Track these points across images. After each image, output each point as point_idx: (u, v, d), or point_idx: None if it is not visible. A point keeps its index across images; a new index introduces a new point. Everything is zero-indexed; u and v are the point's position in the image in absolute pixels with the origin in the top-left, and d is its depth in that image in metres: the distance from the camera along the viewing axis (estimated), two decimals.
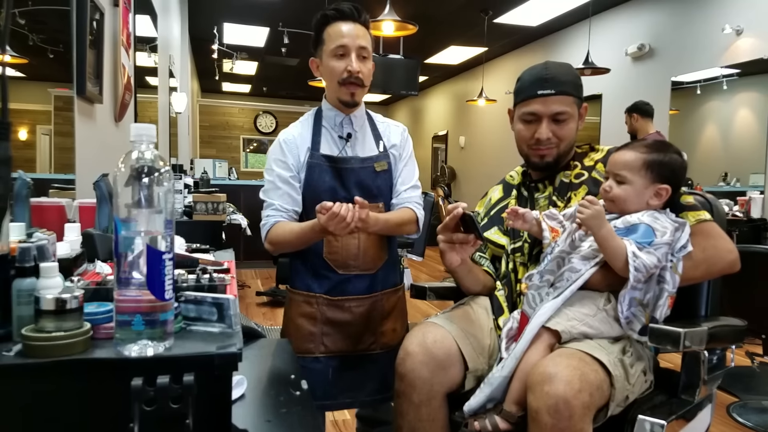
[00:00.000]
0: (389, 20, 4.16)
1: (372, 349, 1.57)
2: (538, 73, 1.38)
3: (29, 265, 0.78)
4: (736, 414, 2.58)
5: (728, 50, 4.60)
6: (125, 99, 2.84)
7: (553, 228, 1.32)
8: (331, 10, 1.50)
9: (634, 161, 1.25)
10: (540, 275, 1.27)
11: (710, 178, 4.74)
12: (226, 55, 8.24)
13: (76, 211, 1.55)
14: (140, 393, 0.70)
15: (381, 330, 1.59)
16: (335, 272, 1.53)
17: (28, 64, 1.65)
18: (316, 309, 1.53)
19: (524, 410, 1.15)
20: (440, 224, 1.34)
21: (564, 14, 6.20)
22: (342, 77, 1.49)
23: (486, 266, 1.53)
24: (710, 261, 1.22)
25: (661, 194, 1.24)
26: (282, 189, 1.51)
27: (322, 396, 1.52)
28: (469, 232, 1.31)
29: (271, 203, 1.52)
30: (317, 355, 1.53)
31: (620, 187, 1.25)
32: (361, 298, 1.55)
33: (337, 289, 1.53)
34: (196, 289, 0.94)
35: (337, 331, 1.54)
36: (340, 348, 1.54)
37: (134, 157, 0.75)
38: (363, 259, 1.54)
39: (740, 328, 1.29)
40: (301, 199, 1.53)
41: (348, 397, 1.57)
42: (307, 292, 1.55)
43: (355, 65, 1.47)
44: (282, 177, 1.51)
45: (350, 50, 1.47)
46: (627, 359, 1.18)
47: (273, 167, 1.53)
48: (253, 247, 5.68)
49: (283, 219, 1.51)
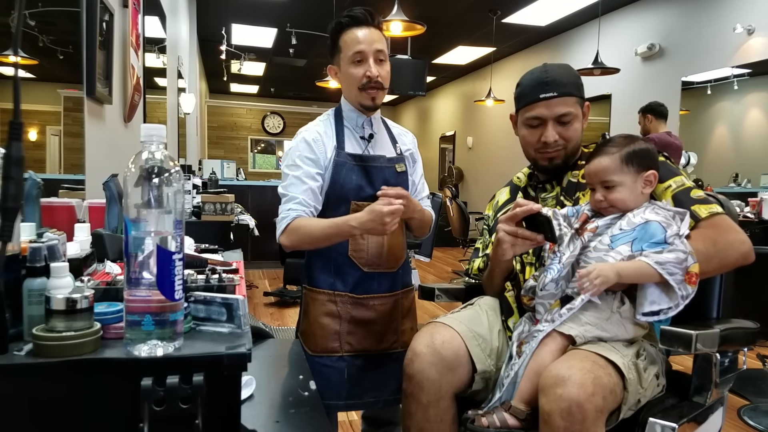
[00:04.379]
0: (397, 20, 4.16)
1: (394, 348, 1.58)
2: (539, 77, 1.37)
3: (40, 265, 0.79)
4: (748, 417, 2.56)
5: (739, 50, 4.56)
6: (134, 100, 2.85)
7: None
8: (345, 18, 1.51)
9: (612, 163, 1.25)
10: (555, 283, 1.26)
11: (721, 179, 4.70)
12: (234, 56, 8.27)
13: (85, 211, 1.56)
14: (150, 393, 0.70)
15: (402, 328, 1.60)
16: (360, 270, 1.53)
17: (38, 65, 1.66)
18: (341, 307, 1.54)
19: (532, 409, 1.14)
20: (507, 214, 1.30)
21: (573, 14, 6.17)
22: (362, 83, 1.50)
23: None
24: (723, 254, 1.20)
25: (650, 180, 1.25)
26: (307, 185, 1.50)
27: (346, 396, 1.53)
28: (538, 232, 1.26)
29: (294, 197, 1.49)
30: (342, 354, 1.54)
31: (612, 191, 1.25)
32: (384, 296, 1.56)
33: (362, 287, 1.54)
34: (205, 290, 0.94)
35: (362, 329, 1.55)
36: (364, 347, 1.55)
37: (144, 157, 0.75)
38: (387, 257, 1.56)
39: (752, 330, 1.28)
40: (324, 197, 1.53)
41: (372, 397, 1.57)
42: (331, 291, 1.54)
43: (373, 70, 1.49)
44: (309, 173, 1.50)
45: (368, 56, 1.49)
46: (641, 363, 1.17)
47: (299, 163, 1.51)
48: (261, 247, 5.72)
49: (305, 214, 1.49)
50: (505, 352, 1.35)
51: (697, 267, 1.15)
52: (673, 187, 1.28)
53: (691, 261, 1.15)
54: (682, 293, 1.14)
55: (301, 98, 12.75)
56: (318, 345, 1.53)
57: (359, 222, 1.35)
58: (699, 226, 1.22)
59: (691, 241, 1.18)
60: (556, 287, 1.25)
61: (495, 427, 1.15)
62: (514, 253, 1.32)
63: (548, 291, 1.26)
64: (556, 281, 1.25)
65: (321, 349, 1.53)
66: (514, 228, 1.28)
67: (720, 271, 1.28)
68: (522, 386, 1.18)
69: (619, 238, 1.21)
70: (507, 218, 1.30)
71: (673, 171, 1.31)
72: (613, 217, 1.25)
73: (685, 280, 1.15)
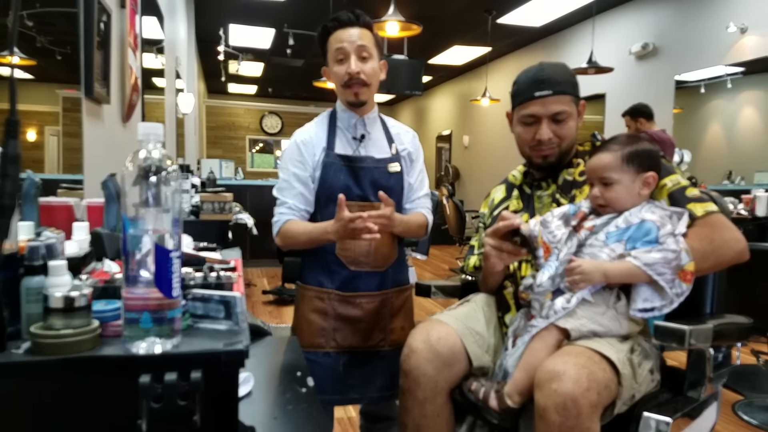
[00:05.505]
0: (393, 20, 4.16)
1: (381, 346, 1.59)
2: (534, 75, 1.38)
3: (38, 263, 0.79)
4: (742, 412, 2.57)
5: (733, 49, 4.58)
6: (132, 100, 2.85)
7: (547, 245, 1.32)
8: (330, 22, 1.55)
9: (613, 160, 1.26)
10: (551, 280, 1.27)
11: (715, 177, 4.72)
12: (232, 56, 8.25)
13: (84, 210, 1.56)
14: (148, 390, 0.71)
15: (390, 327, 1.61)
16: (347, 268, 1.56)
17: (36, 66, 1.66)
18: (327, 304, 1.56)
19: (522, 404, 1.16)
20: (491, 228, 1.33)
21: (568, 14, 6.19)
22: (344, 80, 1.53)
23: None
24: (718, 252, 1.22)
25: (649, 182, 1.25)
26: (296, 188, 1.56)
27: (331, 391, 1.55)
28: (524, 246, 1.30)
29: (284, 201, 1.57)
30: (327, 350, 1.56)
31: (609, 189, 1.26)
32: (371, 294, 1.58)
33: (349, 285, 1.56)
34: (203, 287, 0.94)
35: (348, 326, 1.57)
36: (350, 344, 1.57)
37: (142, 156, 0.76)
38: (374, 256, 1.57)
39: (746, 325, 1.29)
40: (315, 197, 1.58)
41: (357, 393, 1.59)
42: (319, 288, 1.57)
43: (353, 66, 1.51)
44: (297, 176, 1.56)
45: (349, 53, 1.52)
46: (635, 358, 1.18)
47: (289, 166, 1.58)
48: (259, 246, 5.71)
49: (294, 218, 1.56)
50: (501, 347, 1.36)
51: (692, 265, 1.16)
52: (668, 185, 1.29)
53: (685, 259, 1.15)
54: (675, 291, 1.15)
55: (298, 98, 12.74)
56: (305, 340, 1.56)
57: (333, 229, 1.43)
58: (695, 225, 1.23)
59: (687, 239, 1.19)
60: (552, 284, 1.26)
61: (476, 397, 1.20)
62: (503, 264, 1.36)
63: (544, 288, 1.27)
64: (552, 278, 1.26)
65: (308, 344, 1.55)
66: (499, 242, 1.32)
67: (716, 269, 1.29)
68: (516, 375, 1.19)
69: (613, 235, 1.22)
70: (491, 233, 1.33)
71: (669, 169, 1.32)
72: (611, 217, 1.26)
73: (680, 278, 1.15)
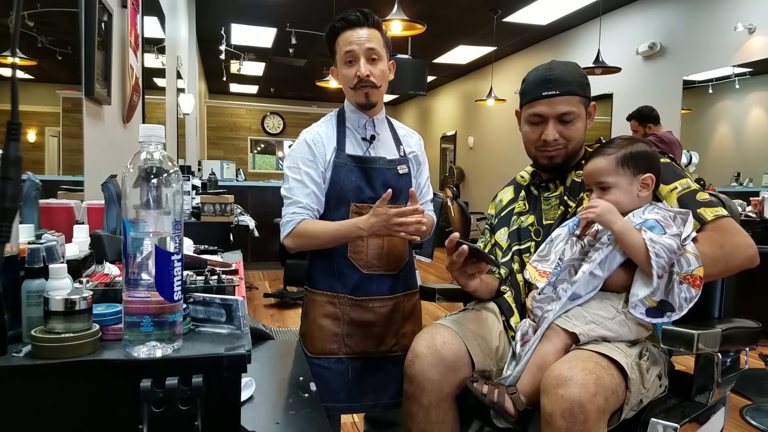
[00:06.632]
0: (397, 20, 4.16)
1: (394, 351, 1.58)
2: (543, 74, 1.37)
3: (38, 266, 0.79)
4: (750, 417, 2.55)
5: (740, 49, 4.55)
6: (133, 100, 2.85)
7: (541, 272, 1.31)
8: (338, 21, 1.53)
9: (608, 164, 1.25)
10: (553, 286, 1.26)
11: (723, 179, 4.69)
12: (233, 56, 8.26)
13: (84, 212, 1.55)
14: (149, 394, 0.70)
15: (402, 332, 1.59)
16: (359, 272, 1.53)
17: (36, 66, 1.66)
18: (339, 309, 1.54)
19: (531, 404, 1.15)
20: (448, 263, 1.33)
21: (574, 13, 6.17)
22: (353, 83, 1.52)
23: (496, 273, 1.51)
24: (729, 257, 1.20)
25: (648, 183, 1.24)
26: (309, 188, 1.52)
27: (345, 398, 1.53)
28: (480, 260, 1.30)
29: (297, 201, 1.52)
30: (340, 356, 1.54)
31: (607, 193, 1.25)
32: (384, 298, 1.56)
33: (361, 289, 1.54)
34: (204, 291, 0.93)
35: (361, 331, 1.54)
36: (362, 349, 1.55)
37: (143, 157, 0.75)
38: (387, 259, 1.55)
39: (754, 329, 1.27)
40: (325, 198, 1.54)
41: (371, 400, 1.57)
42: (331, 292, 1.55)
43: (363, 69, 1.49)
44: (309, 175, 1.52)
45: (358, 55, 1.50)
46: (644, 363, 1.17)
47: (300, 165, 1.53)
48: (261, 248, 5.71)
49: (309, 217, 1.51)
50: (507, 352, 1.34)
51: (702, 270, 1.14)
52: (678, 189, 1.27)
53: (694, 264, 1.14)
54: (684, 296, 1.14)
55: (301, 98, 12.73)
56: (317, 347, 1.53)
57: (368, 224, 1.40)
58: (705, 229, 1.22)
59: (697, 244, 1.18)
60: (553, 290, 1.25)
61: (490, 401, 1.16)
62: (473, 279, 1.35)
63: (546, 294, 1.26)
64: (553, 285, 1.25)
65: (320, 350, 1.53)
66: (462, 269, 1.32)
67: (726, 274, 1.27)
68: (523, 378, 1.19)
69: None
70: (450, 266, 1.33)
71: (679, 173, 1.30)
72: None
73: (689, 283, 1.14)
